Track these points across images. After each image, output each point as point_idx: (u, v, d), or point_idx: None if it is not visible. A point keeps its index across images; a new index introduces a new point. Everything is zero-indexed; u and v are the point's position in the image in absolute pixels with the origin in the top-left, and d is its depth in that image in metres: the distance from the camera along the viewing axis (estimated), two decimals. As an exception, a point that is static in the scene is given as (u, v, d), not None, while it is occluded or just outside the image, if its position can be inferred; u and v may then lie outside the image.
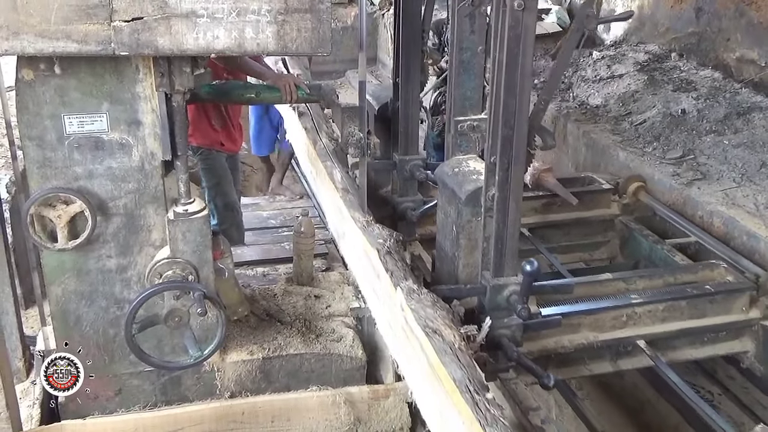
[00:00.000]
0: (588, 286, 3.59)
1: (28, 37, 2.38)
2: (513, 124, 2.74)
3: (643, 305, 3.48)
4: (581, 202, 4.41)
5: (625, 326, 3.44)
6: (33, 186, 2.76)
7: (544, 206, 4.51)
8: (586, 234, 4.60)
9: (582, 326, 3.38)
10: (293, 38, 2.52)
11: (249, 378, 3.31)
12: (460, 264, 3.12)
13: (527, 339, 3.17)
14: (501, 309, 2.96)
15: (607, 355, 3.47)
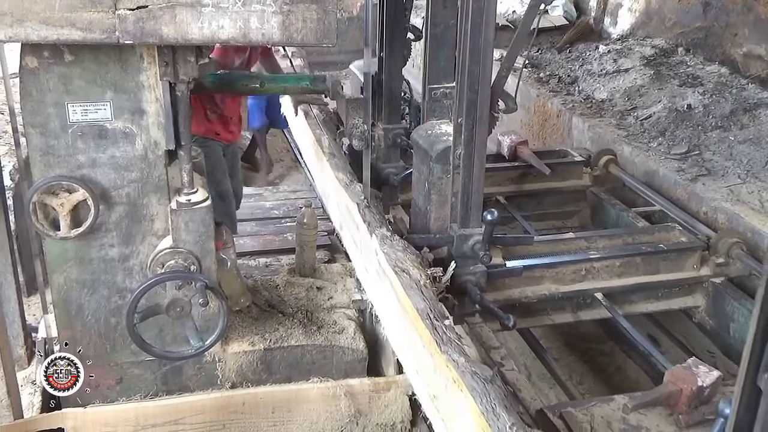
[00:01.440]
0: (552, 244, 3.88)
1: (32, 24, 2.37)
2: (477, 89, 3.01)
3: (601, 260, 3.73)
4: (555, 173, 4.70)
5: (584, 280, 3.70)
6: (36, 174, 2.75)
7: (519, 176, 4.77)
8: (559, 203, 4.87)
9: (544, 279, 3.64)
10: (298, 28, 2.51)
11: (250, 369, 3.31)
12: (432, 217, 3.39)
13: (493, 289, 3.45)
14: (467, 257, 3.21)
15: (568, 307, 3.73)
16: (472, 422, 2.22)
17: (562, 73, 6.76)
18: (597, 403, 2.82)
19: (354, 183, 3.74)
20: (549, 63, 7.08)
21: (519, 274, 3.50)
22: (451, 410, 2.41)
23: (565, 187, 4.84)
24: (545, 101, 6.18)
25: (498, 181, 4.73)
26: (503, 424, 2.11)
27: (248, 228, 5.07)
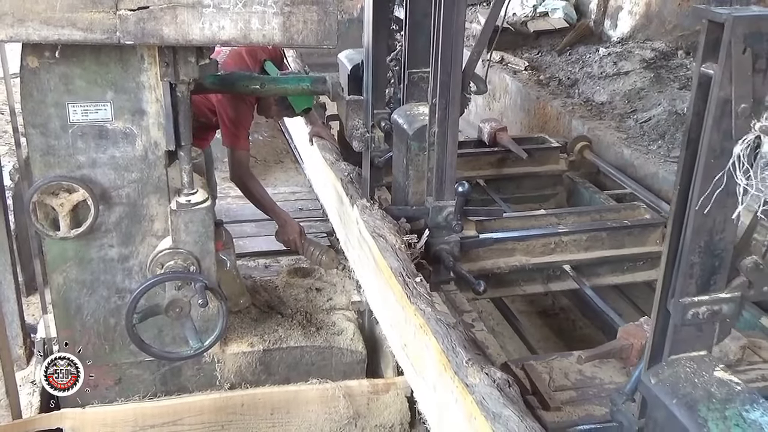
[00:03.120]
0: (524, 219, 4.18)
1: (33, 24, 2.37)
2: (449, 72, 3.28)
3: (569, 235, 4.02)
4: (533, 158, 4.97)
5: (553, 253, 4.00)
6: (36, 174, 2.75)
7: (499, 161, 5.04)
8: (536, 187, 5.11)
9: (516, 251, 3.95)
10: (299, 30, 2.51)
11: (249, 370, 3.31)
12: (410, 192, 3.64)
13: (468, 260, 3.75)
14: (441, 227, 3.49)
15: (538, 278, 4.02)
16: (435, 360, 2.48)
17: (562, 75, 6.77)
18: (557, 357, 3.02)
19: (339, 161, 4.06)
20: (549, 65, 7.09)
21: (491, 245, 3.84)
22: (418, 354, 2.67)
23: (542, 172, 5.08)
24: (545, 103, 6.18)
25: (478, 165, 5.01)
26: (461, 360, 2.36)
27: (248, 229, 5.06)
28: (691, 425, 1.81)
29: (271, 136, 7.43)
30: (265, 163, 7.12)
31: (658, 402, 1.95)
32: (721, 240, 2.11)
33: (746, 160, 1.97)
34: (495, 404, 2.19)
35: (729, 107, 1.96)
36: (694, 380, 1.93)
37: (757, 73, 1.92)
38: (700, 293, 2.12)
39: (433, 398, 2.59)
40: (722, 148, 1.99)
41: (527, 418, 2.17)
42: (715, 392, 1.88)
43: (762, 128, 1.95)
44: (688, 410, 1.84)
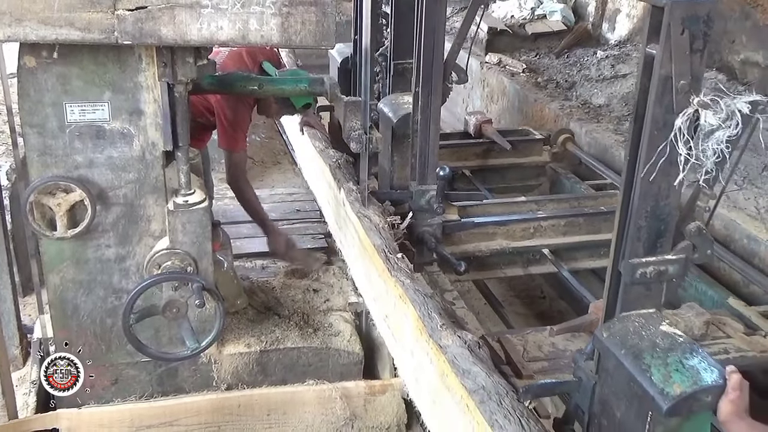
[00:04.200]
0: (506, 206, 4.35)
1: (30, 23, 2.37)
2: (431, 62, 3.47)
3: (548, 220, 4.16)
4: (517, 150, 5.10)
5: (533, 237, 4.14)
6: (33, 174, 2.75)
7: (484, 152, 5.16)
8: (520, 177, 5.23)
9: (496, 235, 4.08)
10: (297, 30, 2.51)
11: (246, 370, 3.31)
12: (395, 177, 3.86)
13: (450, 243, 3.90)
14: (424, 210, 3.68)
15: (519, 261, 4.19)
16: (412, 326, 2.69)
17: (559, 78, 6.77)
18: (531, 331, 3.13)
19: (328, 148, 4.28)
20: (547, 68, 7.09)
21: (472, 228, 4.00)
22: (398, 322, 2.88)
23: (526, 163, 5.20)
24: (543, 106, 6.18)
25: (464, 156, 5.12)
26: (435, 324, 2.57)
27: (245, 230, 5.05)
28: (636, 371, 1.97)
29: (269, 137, 7.43)
30: (262, 165, 7.12)
31: (609, 353, 2.11)
32: (666, 205, 2.32)
33: (687, 132, 2.15)
34: (465, 362, 2.38)
35: (670, 84, 2.14)
36: (641, 333, 2.09)
37: (694, 53, 2.12)
38: (647, 255, 2.32)
39: (411, 362, 2.78)
40: (665, 121, 2.18)
41: (494, 374, 2.35)
42: (660, 343, 2.04)
43: (700, 103, 2.14)
44: (635, 359, 2.00)
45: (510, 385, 2.37)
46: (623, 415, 2.09)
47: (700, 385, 1.91)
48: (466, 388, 2.29)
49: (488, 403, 2.21)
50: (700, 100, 2.15)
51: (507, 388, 2.31)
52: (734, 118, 2.16)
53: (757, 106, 2.18)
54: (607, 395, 2.17)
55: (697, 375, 1.93)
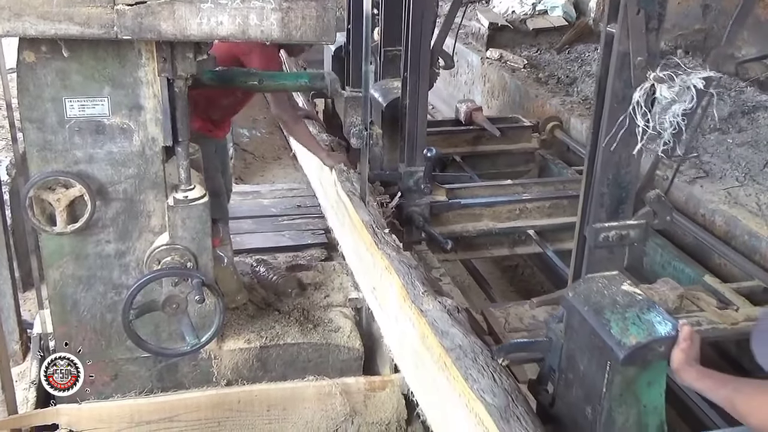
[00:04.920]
0: (493, 188, 4.57)
1: (30, 18, 2.36)
2: (419, 49, 3.68)
3: (533, 201, 4.40)
4: (507, 136, 5.32)
5: (518, 218, 4.36)
6: (33, 169, 2.74)
7: (474, 138, 5.36)
8: (510, 164, 5.41)
9: (483, 216, 4.32)
10: (298, 26, 2.50)
11: (246, 366, 3.30)
12: (385, 159, 4.11)
13: (438, 224, 4.14)
14: (412, 191, 3.94)
15: (505, 242, 4.42)
16: (396, 294, 2.86)
17: (560, 73, 6.76)
18: (513, 305, 3.33)
19: (321, 133, 4.42)
20: (548, 64, 7.08)
21: (459, 209, 4.24)
22: (384, 292, 3.05)
23: (515, 149, 5.39)
24: (544, 101, 6.17)
25: (455, 143, 5.31)
26: (418, 291, 2.76)
27: (245, 225, 5.05)
28: (597, 325, 2.13)
29: (269, 133, 7.43)
30: (263, 160, 7.12)
31: (574, 311, 2.26)
32: (626, 174, 2.50)
33: (644, 105, 2.32)
34: (444, 324, 2.56)
35: (628, 60, 2.31)
36: (604, 292, 2.23)
37: (650, 32, 2.29)
38: (610, 220, 2.51)
39: (396, 329, 2.96)
40: (624, 95, 2.35)
41: (470, 335, 2.52)
42: (620, 300, 2.19)
43: (656, 77, 2.30)
44: (596, 314, 2.16)
45: (485, 345, 2.54)
46: (586, 368, 2.24)
47: (653, 336, 2.05)
48: (443, 347, 2.44)
49: (464, 359, 2.37)
50: (656, 75, 2.30)
51: (482, 347, 2.47)
52: (689, 92, 2.32)
53: (711, 82, 2.35)
54: (573, 350, 2.31)
55: (652, 327, 2.07)
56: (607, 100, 2.38)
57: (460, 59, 7.86)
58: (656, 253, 4.10)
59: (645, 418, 2.20)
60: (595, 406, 2.19)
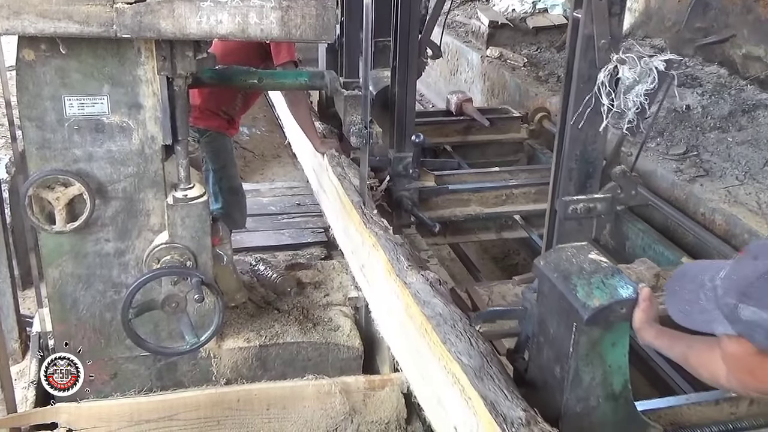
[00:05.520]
0: (481, 175, 4.73)
1: (29, 16, 2.36)
2: (407, 39, 3.82)
3: (519, 188, 4.52)
4: (496, 127, 5.46)
5: (505, 204, 4.50)
6: (32, 167, 2.74)
7: (465, 129, 5.50)
8: (499, 153, 5.54)
9: (471, 201, 4.46)
10: (297, 24, 2.50)
11: (245, 365, 3.30)
12: (375, 147, 3.97)
13: (427, 208, 4.28)
14: (401, 176, 4.08)
15: (492, 227, 4.62)
16: (383, 269, 3.00)
17: (560, 72, 6.75)
18: (497, 284, 3.46)
19: (315, 121, 4.49)
20: (548, 62, 7.08)
21: (447, 194, 4.37)
22: (372, 269, 3.21)
23: (504, 139, 5.52)
24: (544, 100, 6.17)
25: (446, 133, 5.46)
26: (402, 266, 2.89)
27: (245, 224, 5.05)
28: (564, 289, 2.25)
29: (269, 131, 7.43)
30: (262, 158, 7.11)
31: (544, 278, 2.38)
32: (593, 150, 2.71)
33: (608, 85, 2.50)
34: (426, 295, 2.69)
35: (592, 43, 2.51)
36: (572, 260, 2.35)
37: (612, 16, 2.48)
38: (578, 193, 2.73)
39: (382, 303, 3.11)
40: (589, 75, 2.54)
41: (450, 305, 2.66)
42: (586, 267, 2.30)
43: (618, 59, 2.50)
44: (564, 280, 2.28)
45: (464, 313, 2.67)
46: (555, 330, 2.35)
47: (615, 299, 2.15)
48: (425, 315, 2.58)
49: (443, 326, 2.51)
50: (619, 57, 2.50)
51: (461, 315, 2.60)
52: (651, 74, 2.51)
53: (672, 64, 2.55)
54: (544, 314, 2.43)
55: (614, 291, 2.17)
56: (574, 81, 2.57)
57: (461, 58, 7.86)
58: (638, 237, 4.29)
59: (610, 377, 2.32)
60: (564, 366, 2.31)
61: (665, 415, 2.63)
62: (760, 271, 1.24)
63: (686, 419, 2.64)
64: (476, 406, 2.19)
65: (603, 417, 2.36)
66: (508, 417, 2.10)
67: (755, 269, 1.25)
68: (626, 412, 2.39)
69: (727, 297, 1.29)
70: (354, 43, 4.20)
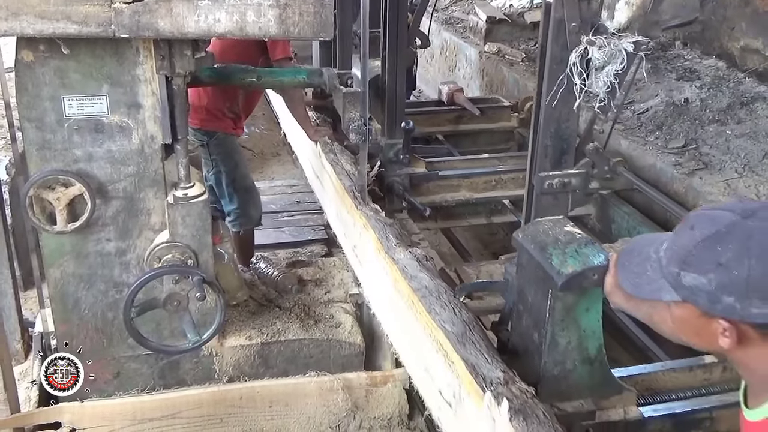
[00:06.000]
0: (470, 161, 4.84)
1: (27, 17, 2.36)
2: (396, 30, 3.94)
3: (507, 173, 4.62)
4: (487, 116, 5.53)
5: (494, 189, 4.60)
6: (32, 168, 2.74)
7: (456, 118, 5.58)
8: (490, 142, 5.59)
9: (461, 186, 4.57)
10: (295, 22, 2.50)
11: (247, 363, 3.31)
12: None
13: (418, 194, 4.38)
14: (392, 162, 4.18)
15: (482, 212, 4.72)
16: (373, 247, 3.13)
17: (559, 67, 6.75)
18: (485, 264, 3.58)
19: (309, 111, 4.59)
20: (546, 57, 7.07)
21: (437, 180, 4.49)
22: (363, 249, 3.34)
23: (495, 128, 5.58)
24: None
25: (438, 122, 5.56)
26: (391, 243, 3.00)
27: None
28: (541, 259, 2.37)
29: (269, 129, 7.42)
30: (262, 156, 7.11)
31: (523, 249, 2.51)
32: (566, 128, 2.84)
33: (579, 65, 2.64)
34: (413, 270, 2.81)
35: (564, 26, 2.64)
36: (549, 233, 2.47)
37: (582, 0, 2.65)
38: (554, 169, 2.88)
39: (372, 280, 3.25)
40: (561, 57, 2.68)
41: (436, 278, 2.78)
42: (562, 238, 2.42)
43: (588, 41, 2.63)
44: (541, 250, 2.40)
45: (449, 286, 2.79)
46: (533, 298, 2.48)
47: (588, 265, 2.25)
48: (412, 288, 2.70)
49: (429, 298, 2.63)
50: (588, 39, 2.63)
51: (446, 288, 2.72)
52: (620, 55, 2.64)
53: (640, 46, 2.67)
54: (523, 284, 2.56)
55: (587, 258, 2.27)
56: (548, 62, 2.69)
57: (459, 54, 7.86)
58: (623, 219, 4.42)
59: (585, 342, 2.45)
60: (541, 332, 2.44)
61: (641, 381, 2.76)
62: (696, 240, 1.33)
63: (662, 385, 2.76)
64: (458, 369, 2.30)
65: (579, 380, 2.49)
66: (488, 377, 2.20)
67: (692, 238, 1.34)
68: (602, 375, 2.53)
69: (670, 266, 1.38)
70: (347, 36, 4.25)
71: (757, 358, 1.35)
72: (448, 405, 2.42)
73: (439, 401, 2.49)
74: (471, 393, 2.22)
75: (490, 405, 2.12)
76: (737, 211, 1.32)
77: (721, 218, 1.33)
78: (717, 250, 1.30)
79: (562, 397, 2.49)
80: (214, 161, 4.11)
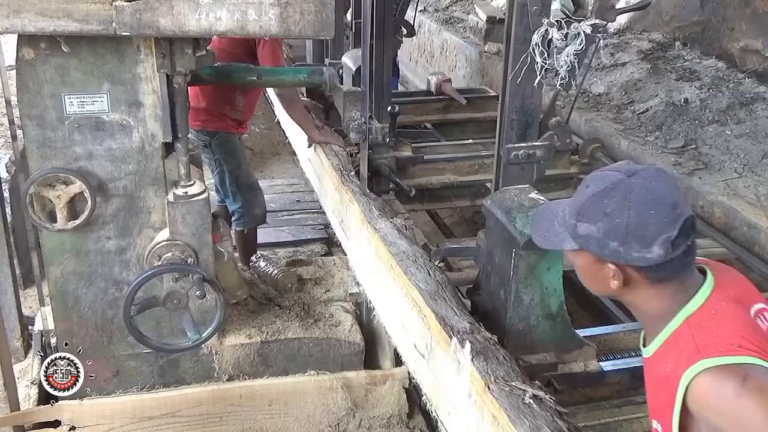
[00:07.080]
0: (456, 147, 5.00)
1: (28, 15, 2.36)
2: (382, 20, 4.08)
3: (491, 158, 4.51)
4: (474, 105, 5.73)
5: (478, 172, 4.74)
6: (33, 166, 2.74)
7: (444, 107, 5.74)
8: (477, 131, 5.65)
9: (446, 170, 4.74)
10: (296, 21, 2.50)
11: (247, 361, 3.31)
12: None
13: (405, 177, 4.56)
14: (380, 145, 4.34)
15: (467, 194, 4.89)
16: (357, 219, 3.33)
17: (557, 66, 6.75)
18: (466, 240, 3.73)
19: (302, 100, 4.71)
20: (546, 57, 7.07)
21: (423, 163, 4.65)
22: (349, 222, 3.54)
23: (482, 117, 5.69)
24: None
25: (426, 111, 5.72)
26: (374, 215, 3.19)
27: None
28: (506, 222, 2.65)
29: (268, 129, 7.42)
30: (261, 156, 7.12)
31: (491, 214, 2.80)
32: (530, 103, 3.08)
33: (541, 45, 2.88)
34: (393, 237, 3.00)
35: (526, 9, 2.88)
36: (514, 199, 2.76)
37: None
38: (519, 141, 3.13)
39: (357, 251, 3.45)
40: (525, 38, 2.92)
41: (415, 245, 2.96)
42: (526, 204, 2.71)
43: (548, 23, 2.89)
44: (506, 214, 2.67)
45: (426, 252, 2.98)
46: (500, 258, 2.74)
47: None
48: (391, 253, 2.86)
49: (406, 261, 2.80)
50: (549, 21, 2.88)
51: (422, 253, 2.89)
52: (579, 37, 2.91)
53: (598, 28, 2.92)
54: (491, 246, 2.82)
55: None
56: (512, 42, 2.93)
57: (459, 54, 7.86)
58: None
59: (547, 299, 2.71)
60: (506, 289, 2.69)
61: (604, 341, 3.00)
62: (588, 195, 1.54)
63: (623, 345, 3.00)
64: (430, 322, 2.47)
65: (543, 334, 2.75)
66: (456, 327, 2.36)
67: (586, 194, 1.55)
68: (563, 330, 2.77)
69: (569, 219, 1.57)
70: (338, 26, 4.50)
71: (643, 299, 1.57)
72: (422, 356, 2.58)
73: (414, 354, 2.67)
74: (440, 342, 2.39)
75: (456, 350, 2.27)
76: (623, 171, 1.53)
77: (609, 177, 1.54)
78: (604, 202, 1.51)
79: (527, 350, 2.73)
80: (218, 161, 4.12)
